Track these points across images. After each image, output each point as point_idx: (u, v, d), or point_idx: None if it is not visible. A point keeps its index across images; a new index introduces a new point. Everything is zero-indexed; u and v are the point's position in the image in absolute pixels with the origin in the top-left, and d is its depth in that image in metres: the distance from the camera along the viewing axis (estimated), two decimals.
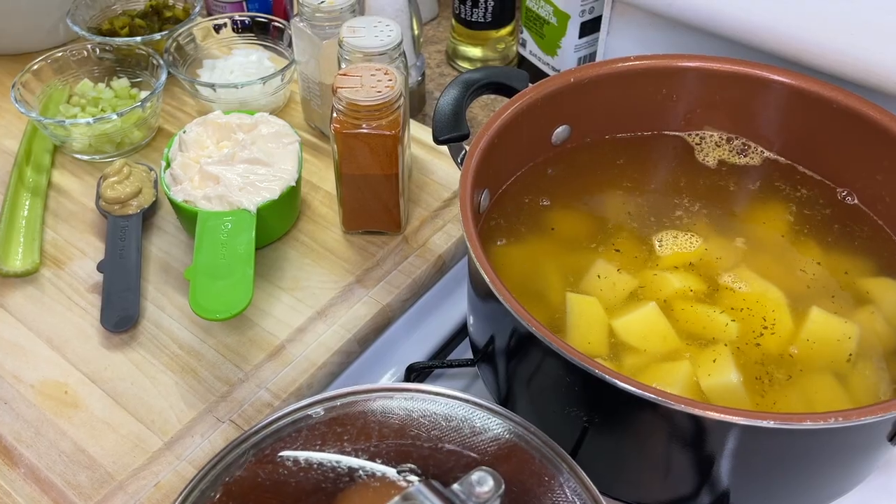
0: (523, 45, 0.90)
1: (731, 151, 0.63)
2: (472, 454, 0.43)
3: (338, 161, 0.65)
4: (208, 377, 0.61)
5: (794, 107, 0.60)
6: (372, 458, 0.43)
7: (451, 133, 0.58)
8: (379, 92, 0.62)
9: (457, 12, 0.91)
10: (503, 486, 0.36)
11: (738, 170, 0.63)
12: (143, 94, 0.81)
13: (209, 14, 0.93)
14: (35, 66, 0.80)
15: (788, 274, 0.56)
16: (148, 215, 0.72)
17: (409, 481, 0.41)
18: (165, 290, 0.67)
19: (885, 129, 0.56)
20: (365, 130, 0.63)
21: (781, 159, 0.63)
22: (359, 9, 0.73)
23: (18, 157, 0.77)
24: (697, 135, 0.64)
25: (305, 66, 0.75)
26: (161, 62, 0.80)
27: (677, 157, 0.64)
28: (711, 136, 0.64)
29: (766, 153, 0.63)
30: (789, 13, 0.62)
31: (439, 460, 0.43)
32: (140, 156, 0.80)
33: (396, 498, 0.35)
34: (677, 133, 0.65)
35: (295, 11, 0.80)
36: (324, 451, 0.44)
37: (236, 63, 0.84)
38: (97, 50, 0.83)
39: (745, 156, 0.63)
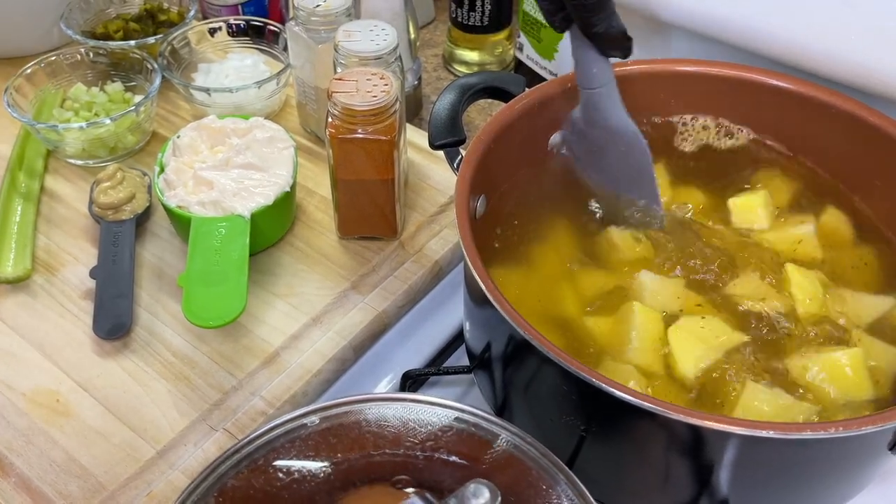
0: (520, 48, 0.90)
1: (717, 135, 0.63)
2: (468, 465, 0.43)
3: (333, 166, 0.65)
4: (202, 385, 0.60)
5: (793, 111, 0.60)
6: (366, 469, 0.43)
7: (447, 138, 0.57)
8: (374, 97, 0.61)
9: (453, 16, 0.91)
10: (499, 498, 0.35)
11: (733, 167, 0.62)
12: (137, 98, 0.81)
13: (204, 18, 0.92)
14: (28, 70, 0.79)
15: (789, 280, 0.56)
16: (141, 221, 0.71)
17: (403, 493, 0.41)
18: (159, 296, 0.66)
19: (884, 133, 0.56)
20: (360, 135, 0.62)
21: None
22: (354, 13, 0.72)
23: (11, 161, 0.76)
24: (682, 119, 0.64)
25: (301, 71, 0.75)
26: (155, 66, 0.79)
27: (670, 154, 0.64)
28: (705, 125, 0.63)
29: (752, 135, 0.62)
30: (787, 17, 0.61)
31: (434, 471, 0.43)
32: (134, 160, 0.79)
33: None
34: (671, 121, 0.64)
35: (290, 15, 0.80)
36: (318, 461, 0.43)
37: (231, 67, 0.83)
38: (91, 54, 0.83)
39: (732, 139, 0.63)
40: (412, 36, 0.82)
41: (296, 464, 0.43)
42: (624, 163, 0.58)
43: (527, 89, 0.59)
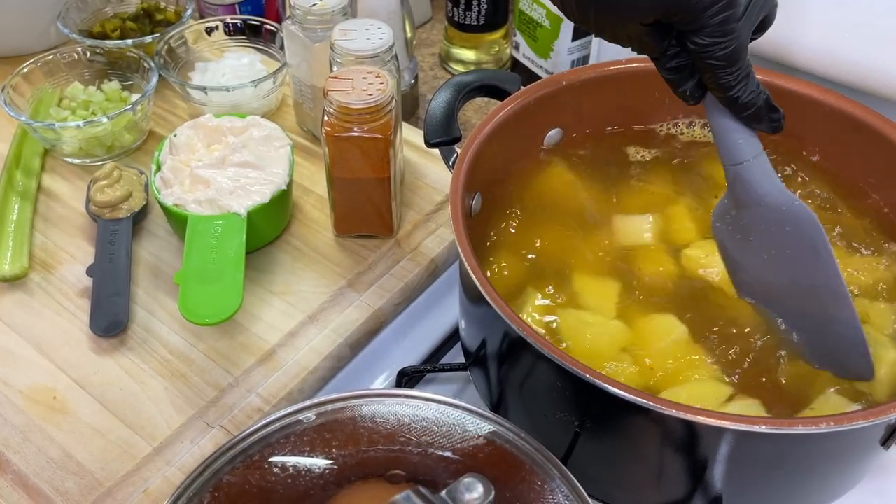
0: (516, 47, 0.90)
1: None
2: (463, 460, 0.43)
3: (329, 164, 0.65)
4: (198, 382, 0.61)
5: (787, 109, 0.60)
6: (361, 465, 0.43)
7: (442, 136, 0.57)
8: (370, 95, 0.62)
9: (450, 15, 0.91)
10: (493, 493, 0.35)
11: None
12: (134, 97, 0.81)
13: (201, 17, 0.93)
14: (25, 69, 0.80)
15: None
16: (138, 219, 0.71)
17: (398, 488, 0.41)
18: (156, 294, 0.66)
19: (879, 133, 0.56)
20: (356, 133, 0.62)
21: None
22: (351, 11, 0.73)
23: (8, 160, 0.76)
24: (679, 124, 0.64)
25: (297, 69, 0.75)
26: (152, 65, 0.80)
27: (665, 155, 0.64)
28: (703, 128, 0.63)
29: None
30: (783, 17, 0.61)
31: (429, 466, 0.43)
32: (131, 159, 0.79)
33: None
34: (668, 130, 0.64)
35: (287, 14, 0.80)
36: (313, 457, 0.44)
37: (228, 66, 0.83)
38: (88, 53, 0.83)
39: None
40: (408, 35, 0.82)
41: (291, 459, 0.43)
42: (795, 247, 0.49)
43: (522, 87, 0.59)
